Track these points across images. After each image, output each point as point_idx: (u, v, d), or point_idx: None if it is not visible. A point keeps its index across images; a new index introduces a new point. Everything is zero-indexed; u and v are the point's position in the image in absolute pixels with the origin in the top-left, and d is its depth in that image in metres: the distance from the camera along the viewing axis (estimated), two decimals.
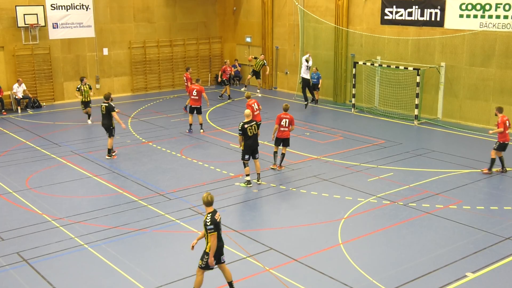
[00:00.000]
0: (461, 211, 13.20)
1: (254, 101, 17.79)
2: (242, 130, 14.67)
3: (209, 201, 9.15)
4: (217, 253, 9.26)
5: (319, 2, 26.40)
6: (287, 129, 16.07)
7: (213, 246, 9.05)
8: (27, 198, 14.21)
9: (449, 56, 21.86)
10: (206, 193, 9.23)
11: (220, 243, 9.26)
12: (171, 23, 29.26)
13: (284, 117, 16.01)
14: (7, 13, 24.49)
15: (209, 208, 9.18)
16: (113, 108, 17.26)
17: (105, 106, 17.22)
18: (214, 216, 9.07)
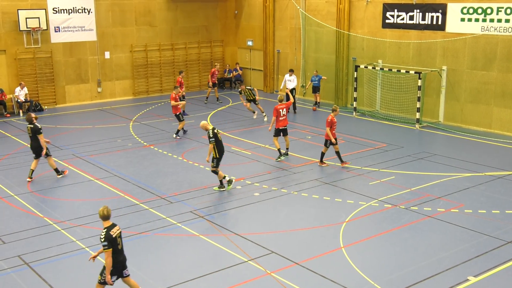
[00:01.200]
0: (463, 215, 13.18)
1: (284, 106, 17.58)
2: (214, 136, 14.48)
3: (105, 215, 8.81)
4: (119, 267, 8.91)
5: (321, 5, 26.44)
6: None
7: (108, 263, 8.69)
8: (29, 201, 14.22)
9: (450, 60, 21.86)
10: (103, 206, 8.91)
11: (120, 258, 8.93)
12: (173, 27, 29.31)
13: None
14: (9, 17, 24.56)
15: (106, 222, 8.85)
16: (39, 130, 15.81)
17: (30, 128, 15.72)
18: (109, 232, 8.73)
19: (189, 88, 30.19)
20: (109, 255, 8.68)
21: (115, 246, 8.79)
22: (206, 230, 12.43)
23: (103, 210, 8.86)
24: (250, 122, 22.98)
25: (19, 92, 24.36)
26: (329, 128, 16.18)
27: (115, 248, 8.79)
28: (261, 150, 18.70)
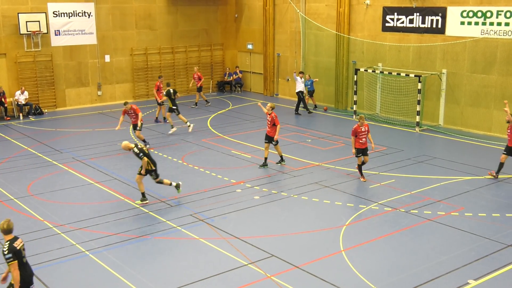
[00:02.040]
0: (463, 218, 13.17)
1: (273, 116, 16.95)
2: (141, 151, 13.99)
3: (6, 229, 8.48)
4: (26, 282, 8.56)
5: (321, 9, 26.47)
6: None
7: (16, 276, 8.29)
8: (29, 205, 14.21)
9: (450, 63, 21.88)
10: (4, 220, 8.56)
11: (27, 272, 8.57)
12: (173, 30, 29.35)
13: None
14: (9, 20, 24.59)
15: (8, 236, 8.50)
16: None
17: None
18: (13, 244, 8.40)
19: (189, 91, 30.22)
20: (15, 268, 8.32)
21: (20, 258, 8.44)
22: (206, 234, 12.42)
23: (4, 223, 8.49)
24: (250, 125, 22.98)
25: (19, 96, 24.40)
26: (353, 138, 15.68)
27: (20, 261, 8.45)
28: (261, 154, 18.68)
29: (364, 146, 15.78)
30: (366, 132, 15.73)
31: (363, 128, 15.72)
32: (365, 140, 15.73)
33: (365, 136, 15.71)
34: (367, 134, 15.80)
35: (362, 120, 15.80)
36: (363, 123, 15.75)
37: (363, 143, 15.74)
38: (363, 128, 15.74)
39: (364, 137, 15.69)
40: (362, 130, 15.70)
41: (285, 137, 20.82)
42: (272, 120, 16.98)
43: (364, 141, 15.72)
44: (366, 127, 15.78)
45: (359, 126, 15.63)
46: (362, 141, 15.71)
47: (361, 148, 15.73)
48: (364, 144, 15.75)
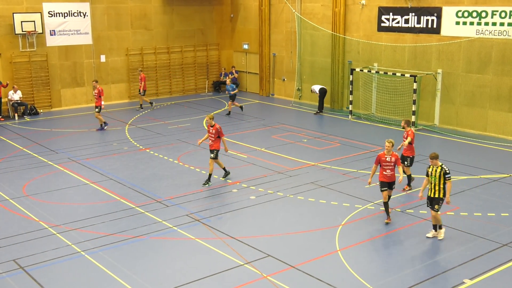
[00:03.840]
0: (459, 218, 13.20)
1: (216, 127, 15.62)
2: None
3: None
4: None
5: (316, 9, 26.49)
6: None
7: None
8: (24, 205, 14.17)
9: (445, 63, 21.93)
10: None
11: None
12: (169, 30, 29.31)
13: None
14: (4, 20, 24.51)
15: None
16: None
17: None
18: None
19: (184, 91, 30.21)
20: None
21: None
22: (202, 234, 12.41)
23: None
24: (246, 125, 22.99)
25: (12, 95, 24.30)
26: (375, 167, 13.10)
27: None
28: (257, 153, 18.70)
29: (391, 180, 12.89)
30: (393, 164, 12.84)
31: (388, 158, 12.81)
32: (392, 173, 12.83)
33: (392, 168, 12.84)
34: (395, 166, 12.91)
35: (389, 146, 12.82)
36: (391, 151, 12.83)
37: (389, 175, 12.84)
38: (389, 157, 12.83)
39: (389, 168, 12.82)
40: (387, 160, 12.80)
41: (281, 137, 20.84)
42: (216, 133, 15.43)
43: (391, 174, 12.82)
44: (395, 158, 12.81)
45: (384, 154, 12.83)
46: (387, 172, 12.83)
47: (386, 182, 12.86)
48: (390, 177, 12.85)
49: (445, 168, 11.78)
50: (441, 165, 11.81)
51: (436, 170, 11.84)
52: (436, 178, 11.82)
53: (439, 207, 11.87)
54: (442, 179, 11.78)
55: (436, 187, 11.85)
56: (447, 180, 11.79)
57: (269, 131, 22.11)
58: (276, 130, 22.18)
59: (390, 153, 12.84)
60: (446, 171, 11.77)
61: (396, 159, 12.90)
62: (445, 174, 11.76)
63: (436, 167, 11.84)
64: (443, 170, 11.76)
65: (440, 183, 11.78)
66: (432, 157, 11.92)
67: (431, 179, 11.92)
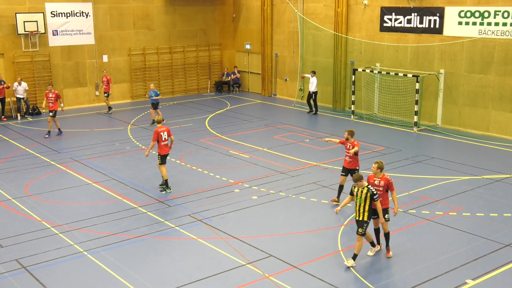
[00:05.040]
0: (461, 218, 13.19)
1: (165, 128, 14.90)
2: None
3: None
4: None
5: (319, 9, 26.48)
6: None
7: None
8: (27, 205, 14.19)
9: (448, 63, 21.90)
10: None
11: None
12: (171, 30, 29.33)
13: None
14: (7, 21, 24.54)
15: None
16: None
17: None
18: None
19: (187, 91, 30.23)
20: None
21: None
22: (204, 234, 12.42)
23: None
24: (248, 125, 22.99)
25: (16, 86, 24.22)
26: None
27: None
28: (259, 154, 18.70)
29: (382, 206, 11.00)
30: (381, 189, 11.08)
31: (377, 181, 11.14)
32: (381, 199, 11.00)
33: (380, 193, 11.03)
34: (385, 191, 11.16)
35: (377, 167, 11.17)
36: (378, 172, 11.16)
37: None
38: (378, 181, 11.15)
39: (378, 193, 10.90)
40: (376, 183, 11.13)
41: (283, 137, 20.84)
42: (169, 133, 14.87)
43: (380, 200, 10.94)
44: (384, 182, 11.10)
45: (373, 177, 11.25)
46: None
47: (374, 209, 10.93)
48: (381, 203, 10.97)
49: (371, 189, 10.62)
50: (367, 185, 10.67)
51: (361, 192, 10.67)
52: (362, 200, 10.65)
53: (363, 230, 10.70)
54: (369, 200, 10.61)
55: (361, 209, 10.69)
56: (375, 201, 10.66)
57: (271, 131, 22.11)
58: (278, 130, 22.18)
59: (379, 176, 11.15)
60: (374, 192, 10.59)
61: (386, 183, 11.08)
62: (372, 195, 10.59)
63: (362, 188, 10.68)
64: (370, 191, 10.58)
65: (366, 205, 10.62)
66: (356, 179, 10.69)
67: (356, 200, 10.77)
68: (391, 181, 11.18)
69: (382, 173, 11.18)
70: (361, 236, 10.77)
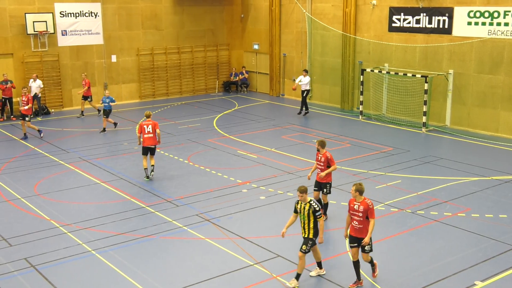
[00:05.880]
0: (470, 219, 13.12)
1: (151, 122, 15.94)
2: None
3: None
4: None
5: (327, 9, 26.44)
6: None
7: None
8: (35, 204, 14.26)
9: (457, 64, 21.80)
10: None
11: None
12: (179, 31, 29.38)
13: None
14: (16, 21, 24.69)
15: None
16: None
17: None
18: None
19: (195, 91, 30.28)
20: None
21: None
22: (212, 234, 12.43)
23: None
24: (255, 126, 22.99)
25: (32, 83, 24.28)
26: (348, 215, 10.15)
27: None
28: (267, 154, 18.70)
29: (359, 235, 9.91)
30: (361, 214, 9.84)
31: (356, 206, 9.90)
32: (361, 226, 9.87)
33: (360, 219, 9.86)
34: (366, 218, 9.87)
35: (355, 189, 9.88)
36: (357, 196, 9.90)
37: (357, 228, 9.92)
38: (357, 205, 9.89)
39: (357, 220, 9.88)
40: (355, 208, 9.91)
41: (291, 137, 20.82)
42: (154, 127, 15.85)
43: (359, 227, 9.88)
44: (364, 207, 9.81)
45: (353, 200, 10.01)
46: (354, 224, 9.96)
47: (353, 236, 10.02)
48: (358, 230, 9.92)
49: (314, 205, 9.92)
50: (309, 201, 10.01)
51: (304, 208, 10.02)
52: (305, 216, 10.01)
53: (307, 248, 10.01)
54: (312, 217, 9.94)
55: (305, 226, 10.04)
56: (318, 218, 9.97)
57: (279, 131, 22.11)
58: (286, 130, 22.17)
59: (359, 200, 9.92)
60: (316, 209, 9.90)
61: (366, 209, 9.79)
62: (314, 212, 9.92)
63: (305, 204, 10.04)
64: (311, 207, 9.91)
65: (310, 222, 9.96)
66: (301, 191, 9.97)
67: (300, 217, 10.14)
68: (371, 207, 9.83)
69: (362, 197, 9.90)
70: (303, 253, 9.99)
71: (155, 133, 15.95)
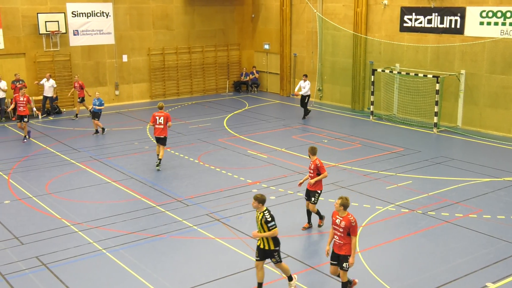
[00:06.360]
0: (481, 220, 13.03)
1: (163, 114, 16.86)
2: None
3: None
4: None
5: (338, 9, 26.38)
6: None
7: None
8: (47, 203, 14.35)
9: (469, 64, 21.66)
10: None
11: None
12: (190, 30, 29.44)
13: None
14: (29, 21, 24.86)
15: None
16: None
17: None
18: None
19: (205, 91, 30.33)
20: None
21: None
22: (222, 233, 12.44)
23: None
24: (266, 125, 22.98)
25: (45, 82, 24.36)
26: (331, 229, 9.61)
27: None
28: (277, 154, 18.68)
29: (339, 251, 9.34)
30: (342, 230, 9.23)
31: (338, 220, 9.31)
32: (342, 242, 9.27)
33: (341, 235, 9.27)
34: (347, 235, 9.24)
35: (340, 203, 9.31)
36: (341, 210, 9.33)
37: (337, 244, 9.37)
38: (339, 220, 9.30)
39: (338, 235, 9.32)
40: (337, 222, 9.32)
41: (301, 138, 20.79)
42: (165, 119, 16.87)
43: (339, 243, 9.32)
44: (346, 223, 9.19)
45: (336, 214, 9.46)
46: (335, 239, 9.41)
47: (334, 252, 9.48)
48: (339, 247, 9.35)
49: (266, 215, 9.35)
50: (264, 210, 9.42)
51: (258, 217, 9.49)
52: (259, 226, 9.47)
53: (276, 260, 9.57)
54: (266, 227, 9.36)
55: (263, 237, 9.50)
56: (271, 229, 9.36)
57: (289, 131, 22.08)
58: (296, 130, 22.14)
59: (342, 215, 9.28)
60: (267, 219, 9.32)
61: (348, 225, 9.14)
62: (266, 222, 9.34)
63: (259, 213, 9.51)
64: (264, 218, 9.34)
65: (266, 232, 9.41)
66: (255, 198, 9.50)
67: (257, 226, 9.59)
68: (353, 224, 9.14)
69: (346, 212, 9.28)
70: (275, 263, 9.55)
71: (166, 125, 16.81)
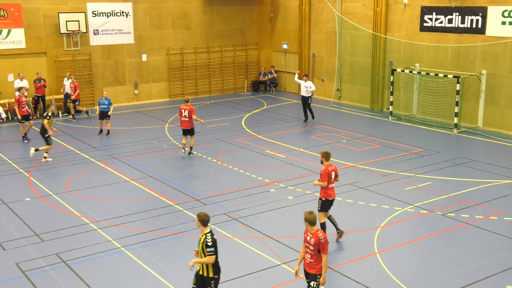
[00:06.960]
0: (502, 223, 12.86)
1: (188, 108, 18.14)
2: None
3: None
4: None
5: (357, 9, 26.24)
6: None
7: None
8: (67, 201, 14.51)
9: (490, 64, 21.39)
10: None
11: None
12: (209, 30, 29.53)
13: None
14: (50, 20, 25.15)
15: None
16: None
17: None
18: None
19: (224, 91, 30.39)
20: None
21: None
22: (239, 233, 12.45)
23: None
24: (284, 125, 22.94)
25: (65, 81, 24.51)
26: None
27: None
28: (295, 153, 18.65)
29: (310, 271, 8.75)
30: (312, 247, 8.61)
31: (308, 237, 8.67)
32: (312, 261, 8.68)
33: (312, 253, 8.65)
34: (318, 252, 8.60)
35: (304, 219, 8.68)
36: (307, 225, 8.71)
37: (308, 263, 8.77)
38: (309, 236, 8.65)
39: (309, 252, 8.70)
40: (307, 239, 8.69)
41: (320, 138, 20.73)
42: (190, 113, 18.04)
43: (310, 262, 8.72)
44: (315, 240, 8.55)
45: (307, 231, 8.79)
46: (306, 257, 8.80)
47: (305, 270, 8.94)
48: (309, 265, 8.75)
49: (207, 239, 8.31)
50: (206, 232, 8.41)
51: (200, 239, 8.46)
52: (200, 250, 8.44)
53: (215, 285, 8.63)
54: (205, 251, 8.35)
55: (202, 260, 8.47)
56: (208, 255, 8.34)
57: (307, 131, 22.03)
58: (314, 130, 22.08)
59: (311, 232, 8.60)
60: (208, 243, 8.29)
61: (317, 242, 8.47)
62: (206, 246, 8.31)
63: (201, 235, 8.48)
64: (205, 241, 8.31)
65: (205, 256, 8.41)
66: (198, 216, 8.52)
67: (198, 249, 8.56)
68: (322, 241, 8.46)
69: (315, 228, 8.60)
70: None
71: (191, 117, 17.99)
